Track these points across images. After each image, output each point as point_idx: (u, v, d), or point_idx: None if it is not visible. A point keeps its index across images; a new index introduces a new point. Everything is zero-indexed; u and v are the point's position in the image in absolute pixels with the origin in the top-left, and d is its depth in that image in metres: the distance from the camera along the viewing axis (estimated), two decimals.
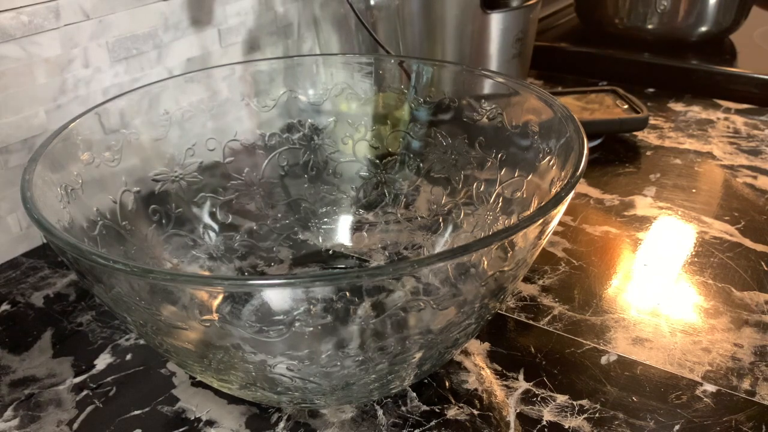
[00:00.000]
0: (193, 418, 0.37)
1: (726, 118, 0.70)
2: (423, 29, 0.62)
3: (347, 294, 0.31)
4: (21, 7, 0.47)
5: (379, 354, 0.31)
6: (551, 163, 0.39)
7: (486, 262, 0.33)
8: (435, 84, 0.47)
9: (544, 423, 0.36)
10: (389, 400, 0.38)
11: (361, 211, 0.50)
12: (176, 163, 0.46)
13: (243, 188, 0.49)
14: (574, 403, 0.37)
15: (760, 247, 0.50)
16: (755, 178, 0.59)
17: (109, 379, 0.40)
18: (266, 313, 0.39)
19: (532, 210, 0.39)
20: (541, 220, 0.30)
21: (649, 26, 0.83)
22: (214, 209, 0.48)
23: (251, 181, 0.49)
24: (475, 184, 0.46)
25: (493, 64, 0.64)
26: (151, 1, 0.55)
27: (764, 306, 0.44)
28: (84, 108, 0.44)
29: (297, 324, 0.28)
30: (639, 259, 0.49)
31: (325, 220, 0.50)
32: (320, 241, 0.49)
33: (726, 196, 0.57)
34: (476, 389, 0.38)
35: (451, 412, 0.37)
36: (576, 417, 0.36)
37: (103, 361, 0.41)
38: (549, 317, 0.43)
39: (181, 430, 0.36)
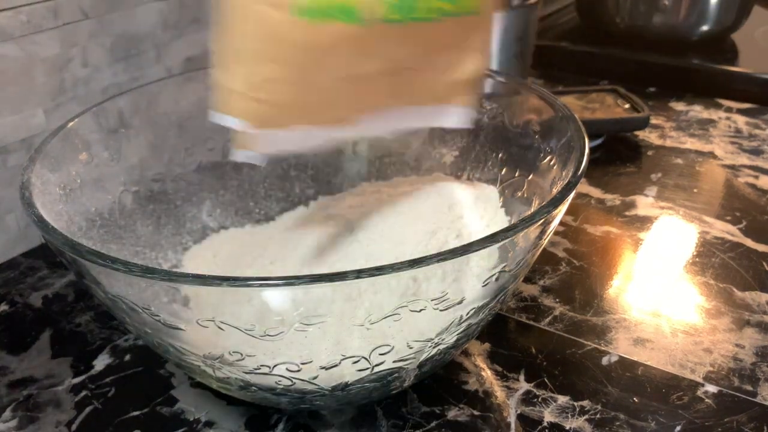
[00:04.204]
0: (192, 419, 0.37)
1: (727, 118, 0.70)
2: None
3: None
4: (19, 6, 0.47)
5: (379, 355, 0.31)
6: (552, 162, 0.39)
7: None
8: None
9: (545, 424, 0.36)
10: (389, 400, 0.37)
11: None
12: (175, 163, 0.46)
13: (243, 188, 0.49)
14: (575, 404, 0.37)
15: (761, 247, 0.49)
16: (757, 177, 0.59)
17: (108, 379, 0.40)
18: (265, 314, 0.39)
19: (532, 210, 0.39)
20: (541, 221, 0.30)
21: (651, 25, 0.83)
22: (213, 209, 0.48)
23: (251, 181, 0.49)
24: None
25: (494, 63, 0.64)
26: (149, 0, 0.55)
27: (766, 306, 0.44)
28: (83, 107, 0.44)
29: (297, 324, 0.28)
30: (640, 259, 0.49)
31: None
32: None
33: (727, 196, 0.56)
34: (477, 390, 0.38)
35: (452, 413, 0.37)
36: (577, 418, 0.36)
37: (102, 362, 0.41)
38: (550, 318, 0.43)
39: (180, 431, 0.36)
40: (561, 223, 0.52)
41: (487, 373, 0.39)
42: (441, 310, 0.30)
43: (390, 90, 0.34)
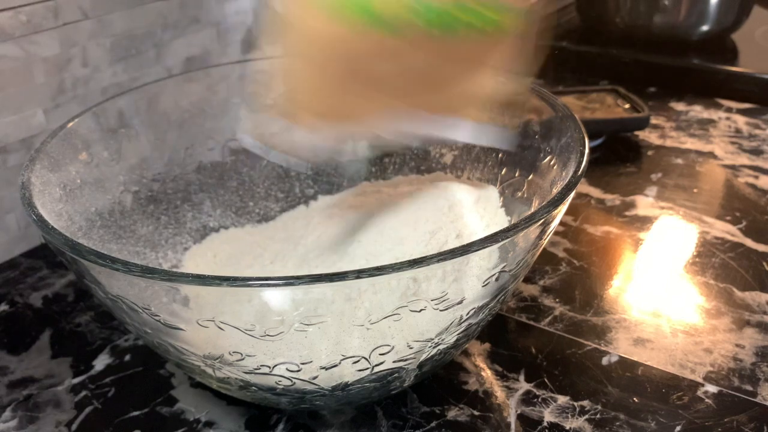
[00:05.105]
0: (192, 419, 0.37)
1: (727, 118, 0.70)
2: None
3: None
4: (20, 6, 0.47)
5: (380, 355, 0.31)
6: (552, 162, 0.39)
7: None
8: None
9: (545, 424, 0.36)
10: (389, 400, 0.37)
11: None
12: (175, 163, 0.46)
13: (243, 188, 0.49)
14: (575, 404, 0.37)
15: (761, 247, 0.49)
16: (756, 177, 0.59)
17: (107, 379, 0.40)
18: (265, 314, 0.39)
19: (532, 210, 0.39)
20: (541, 221, 0.30)
21: (651, 25, 0.83)
22: (213, 209, 0.48)
23: (251, 181, 0.49)
24: None
25: None
26: (149, 0, 0.55)
27: (766, 306, 0.44)
28: (83, 107, 0.44)
29: (297, 324, 0.28)
30: (640, 259, 0.49)
31: None
32: None
33: (727, 196, 0.56)
34: (477, 390, 0.38)
35: (452, 413, 0.37)
36: (577, 418, 0.36)
37: (101, 362, 0.41)
38: (550, 318, 0.43)
39: (180, 431, 0.36)
40: (561, 223, 0.52)
41: (487, 373, 0.39)
42: (441, 310, 0.30)
43: (402, 91, 0.34)
